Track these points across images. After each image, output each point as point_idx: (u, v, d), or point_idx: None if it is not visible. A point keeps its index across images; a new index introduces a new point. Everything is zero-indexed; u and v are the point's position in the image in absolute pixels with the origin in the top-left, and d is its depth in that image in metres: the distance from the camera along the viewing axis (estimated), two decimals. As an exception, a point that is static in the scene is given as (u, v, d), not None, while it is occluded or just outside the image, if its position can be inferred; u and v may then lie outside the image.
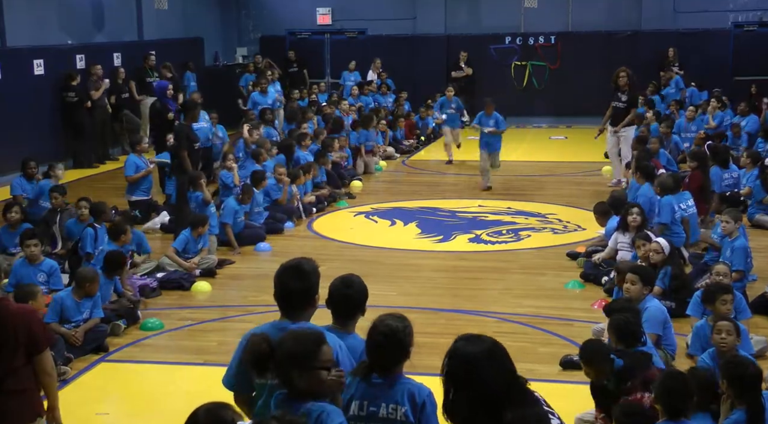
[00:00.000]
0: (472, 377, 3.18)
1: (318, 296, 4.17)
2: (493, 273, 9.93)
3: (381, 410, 3.84)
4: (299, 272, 4.09)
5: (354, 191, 14.65)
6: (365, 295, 4.42)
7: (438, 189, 14.92)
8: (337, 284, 4.41)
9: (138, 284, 9.05)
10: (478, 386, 3.18)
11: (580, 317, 8.26)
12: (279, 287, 4.11)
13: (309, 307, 4.11)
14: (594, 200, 11.34)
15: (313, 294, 4.10)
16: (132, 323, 8.24)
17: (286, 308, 4.10)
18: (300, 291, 4.05)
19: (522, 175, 16.06)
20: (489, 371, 3.19)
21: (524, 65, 22.99)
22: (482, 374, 3.16)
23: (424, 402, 3.85)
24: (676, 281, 8.17)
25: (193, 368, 7.20)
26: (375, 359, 3.92)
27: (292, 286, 4.05)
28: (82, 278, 7.66)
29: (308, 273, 4.11)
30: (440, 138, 20.86)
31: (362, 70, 22.44)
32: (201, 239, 9.99)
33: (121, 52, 18.45)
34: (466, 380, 3.19)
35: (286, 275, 4.11)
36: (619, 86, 13.89)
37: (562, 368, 7.00)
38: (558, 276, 9.64)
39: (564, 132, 21.85)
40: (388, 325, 3.95)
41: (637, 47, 21.62)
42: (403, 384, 3.91)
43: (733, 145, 15.55)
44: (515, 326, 8.16)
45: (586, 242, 10.57)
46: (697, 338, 6.66)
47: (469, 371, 3.20)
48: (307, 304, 4.08)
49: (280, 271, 4.16)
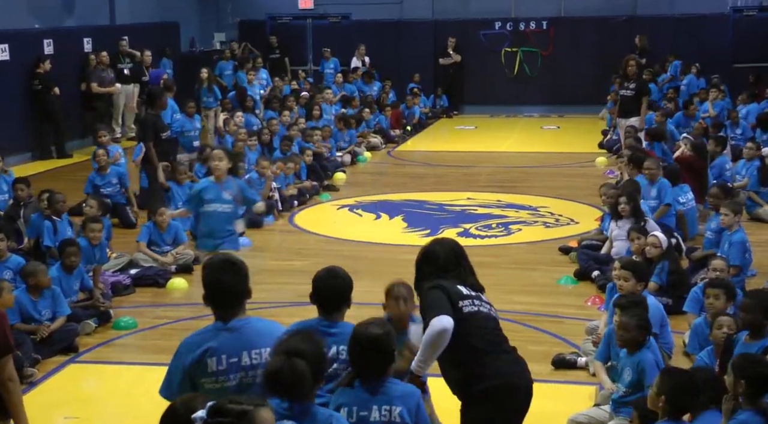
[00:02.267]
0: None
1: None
2: (482, 268, 9.74)
3: (373, 414, 3.93)
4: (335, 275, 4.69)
5: (337, 183, 14.62)
6: (351, 286, 4.68)
7: (425, 181, 14.92)
8: (322, 275, 4.68)
9: (110, 281, 9.01)
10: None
11: (573, 314, 8.28)
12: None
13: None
14: (588, 193, 11.38)
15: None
16: (103, 322, 8.19)
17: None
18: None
19: (513, 167, 16.07)
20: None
21: (515, 52, 23.01)
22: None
23: (418, 403, 3.97)
24: (673, 276, 8.19)
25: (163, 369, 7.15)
26: (360, 367, 3.94)
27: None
28: (23, 273, 7.59)
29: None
30: (428, 127, 20.89)
31: (347, 56, 22.38)
32: (170, 231, 9.91)
33: (91, 37, 18.33)
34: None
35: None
36: (627, 75, 13.95)
37: (554, 367, 7.01)
38: (550, 271, 9.65)
39: (556, 121, 21.89)
40: (368, 334, 3.96)
41: (633, 33, 21.66)
42: (394, 385, 4.00)
43: (731, 134, 15.60)
44: (505, 323, 8.08)
45: (579, 236, 10.59)
46: (695, 335, 6.69)
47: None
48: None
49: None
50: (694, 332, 6.74)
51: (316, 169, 14.25)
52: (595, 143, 17.50)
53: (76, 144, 17.60)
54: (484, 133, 20.18)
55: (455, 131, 20.79)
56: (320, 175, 14.27)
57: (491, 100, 22.91)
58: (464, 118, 22.51)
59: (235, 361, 3.92)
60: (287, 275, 9.76)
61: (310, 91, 18.90)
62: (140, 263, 9.68)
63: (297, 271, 9.90)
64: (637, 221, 8.99)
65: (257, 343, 3.95)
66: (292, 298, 8.92)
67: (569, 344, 7.48)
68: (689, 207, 10.44)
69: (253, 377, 3.90)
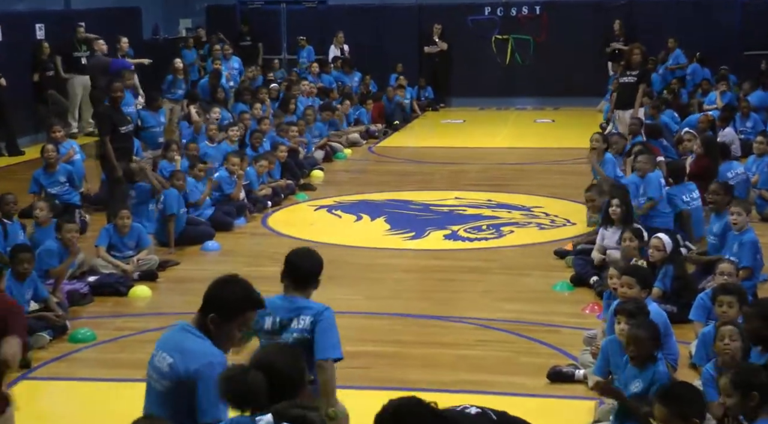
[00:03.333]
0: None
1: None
2: (471, 274, 9.94)
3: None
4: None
5: (315, 182, 14.60)
6: (322, 265, 5.37)
7: (409, 179, 14.92)
8: (293, 253, 5.39)
9: (66, 289, 8.94)
10: None
11: (570, 323, 8.28)
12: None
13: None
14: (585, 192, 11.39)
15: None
16: (59, 335, 8.13)
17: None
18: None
19: (504, 164, 16.10)
20: None
21: (506, 39, 23.06)
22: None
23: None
24: (678, 282, 8.20)
25: (130, 386, 7.09)
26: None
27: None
28: None
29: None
30: (414, 120, 20.89)
31: (324, 45, 22.35)
32: (132, 235, 9.86)
33: (44, 23, 18.22)
34: None
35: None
36: (630, 64, 14.01)
37: (550, 380, 7.01)
38: (545, 277, 9.66)
39: (551, 114, 21.94)
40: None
41: (632, 18, 21.77)
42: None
43: (741, 127, 15.67)
44: (496, 333, 8.17)
45: (576, 239, 10.61)
46: (702, 345, 6.66)
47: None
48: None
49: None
50: (702, 341, 6.70)
51: (291, 166, 14.22)
52: (592, 138, 17.55)
53: (29, 140, 17.48)
54: (472, 128, 20.21)
55: (442, 125, 20.80)
56: (296, 174, 14.24)
57: (480, 92, 22.93)
58: (451, 112, 22.53)
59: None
60: (260, 282, 9.54)
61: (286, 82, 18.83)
62: (99, 269, 9.62)
63: (271, 278, 9.77)
64: (626, 227, 8.97)
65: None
66: (266, 307, 8.89)
67: (566, 355, 7.49)
68: (695, 206, 10.47)
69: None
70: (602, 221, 9.50)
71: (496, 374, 7.23)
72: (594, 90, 21.12)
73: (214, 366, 3.98)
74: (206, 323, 4.15)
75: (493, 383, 6.98)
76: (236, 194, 12.15)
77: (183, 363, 4.06)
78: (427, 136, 19.57)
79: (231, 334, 4.15)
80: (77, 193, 11.94)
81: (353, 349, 7.58)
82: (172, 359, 4.09)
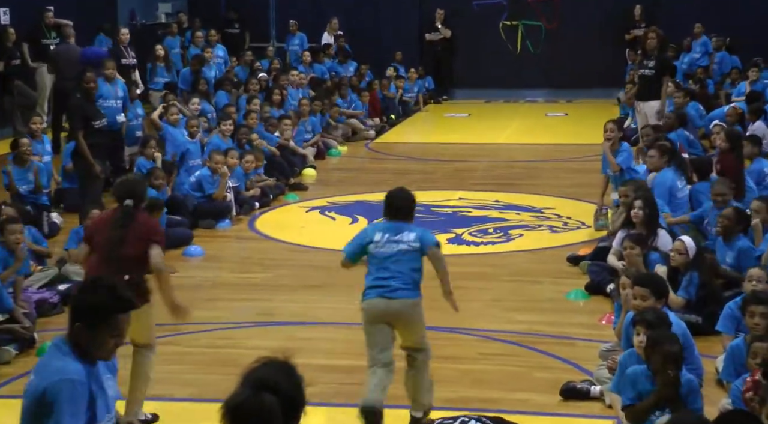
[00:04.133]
0: None
1: None
2: (477, 281, 9.92)
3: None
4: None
5: (306, 181, 14.59)
6: (415, 201, 7.08)
7: (409, 178, 14.89)
8: (390, 194, 7.07)
9: (34, 299, 8.91)
10: None
11: (585, 335, 8.28)
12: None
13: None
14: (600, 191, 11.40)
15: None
16: (26, 348, 8.10)
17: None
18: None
19: (512, 161, 16.10)
20: None
21: (515, 26, 23.07)
22: None
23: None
24: (703, 290, 8.18)
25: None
26: None
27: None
28: None
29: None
30: (414, 114, 20.89)
31: (316, 31, 22.33)
32: None
33: (9, 7, 18.19)
34: None
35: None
36: (646, 51, 13.96)
37: (563, 397, 7.00)
38: (557, 284, 9.66)
39: (564, 108, 21.95)
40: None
41: (654, 2, 21.74)
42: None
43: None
44: (505, 345, 8.15)
45: (591, 243, 10.60)
46: (731, 360, 6.64)
47: None
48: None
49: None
50: (730, 355, 6.67)
51: (280, 164, 14.20)
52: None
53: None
54: (478, 122, 20.22)
55: (444, 119, 20.81)
56: (286, 172, 14.23)
57: (487, 83, 22.96)
58: (455, 104, 22.54)
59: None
60: (247, 291, 9.71)
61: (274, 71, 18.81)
62: (71, 276, 9.59)
63: (258, 285, 9.86)
64: (649, 232, 8.94)
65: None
66: (253, 317, 8.87)
67: (581, 370, 7.48)
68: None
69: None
70: (623, 224, 9.46)
71: (504, 390, 7.21)
72: (610, 81, 21.13)
73: (62, 384, 3.98)
74: (74, 333, 4.14)
75: (500, 401, 6.97)
76: (219, 194, 12.13)
77: (35, 382, 4.08)
78: (428, 131, 19.58)
79: (101, 341, 4.11)
80: (44, 193, 11.93)
81: (348, 363, 7.58)
82: (33, 377, 4.12)
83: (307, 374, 3.41)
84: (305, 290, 9.69)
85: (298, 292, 9.63)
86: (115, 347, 4.17)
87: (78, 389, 3.99)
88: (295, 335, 8.41)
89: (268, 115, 15.50)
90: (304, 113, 16.26)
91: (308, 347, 8.04)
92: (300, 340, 8.28)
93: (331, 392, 6.97)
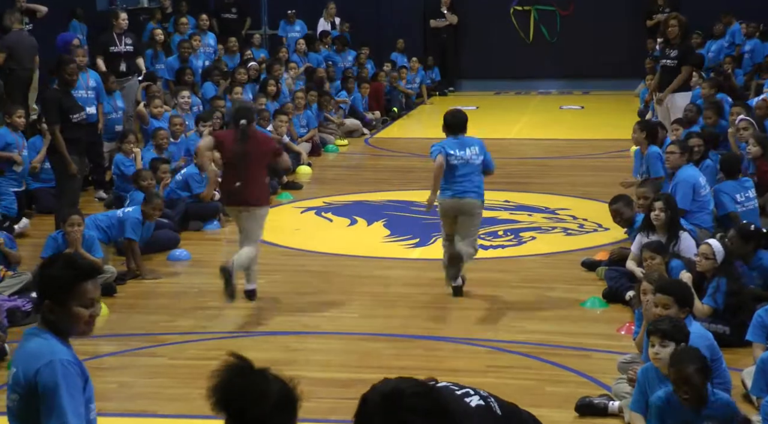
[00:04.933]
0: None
1: None
2: (485, 288, 9.94)
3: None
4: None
5: (301, 180, 14.61)
6: (467, 118, 9.54)
7: (412, 176, 14.93)
8: (447, 113, 9.57)
9: (6, 307, 8.94)
10: None
11: (602, 346, 8.30)
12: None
13: None
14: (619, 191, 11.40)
15: None
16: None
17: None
18: None
19: (524, 158, 16.12)
20: None
21: (527, 11, 23.10)
22: None
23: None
24: (732, 298, 8.17)
25: (82, 420, 7.13)
26: None
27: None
28: None
29: None
30: (418, 107, 20.90)
31: (312, 17, 22.34)
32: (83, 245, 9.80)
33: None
34: None
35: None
36: (668, 39, 13.95)
37: (579, 413, 7.01)
38: (572, 291, 9.68)
39: (580, 100, 21.98)
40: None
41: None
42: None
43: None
44: (516, 357, 8.17)
45: (609, 247, 10.61)
46: (761, 373, 6.64)
47: None
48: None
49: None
50: (760, 369, 6.67)
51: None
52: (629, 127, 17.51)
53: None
54: (487, 115, 20.20)
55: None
56: (278, 170, 14.25)
57: (496, 74, 23.00)
58: (462, 97, 22.56)
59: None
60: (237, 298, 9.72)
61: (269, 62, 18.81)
62: (46, 283, 9.60)
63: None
64: (671, 236, 8.97)
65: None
66: (244, 326, 8.89)
67: (598, 384, 7.50)
68: (750, 208, 10.45)
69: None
70: (641, 227, 9.47)
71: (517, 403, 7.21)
72: (630, 71, 21.16)
73: (55, 364, 4.10)
74: (45, 313, 4.27)
75: (511, 417, 6.97)
76: (207, 194, 12.11)
77: (24, 369, 4.17)
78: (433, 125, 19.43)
79: (73, 315, 4.22)
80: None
81: (346, 376, 7.60)
82: (16, 369, 4.21)
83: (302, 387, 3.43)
84: (300, 297, 9.71)
85: (292, 299, 9.65)
86: (90, 320, 4.25)
87: (70, 370, 4.12)
88: (289, 346, 8.44)
89: (261, 108, 15.52)
90: (299, 107, 16.28)
91: (302, 359, 8.07)
92: (294, 351, 8.31)
93: (326, 407, 6.99)
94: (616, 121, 18.40)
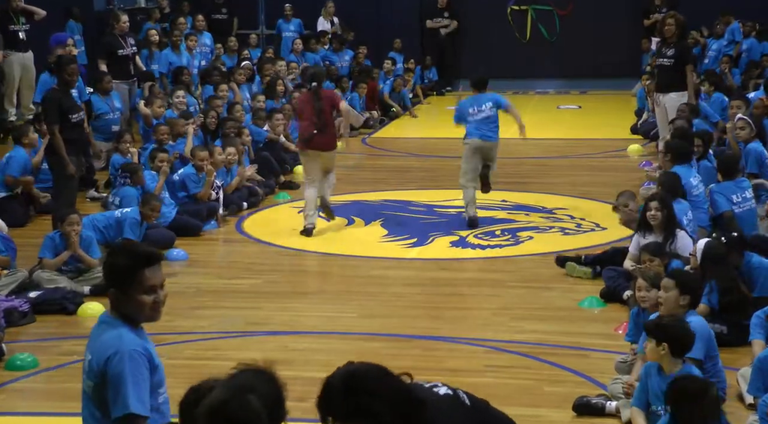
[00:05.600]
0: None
1: None
2: (483, 287, 9.95)
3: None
4: None
5: (298, 179, 14.60)
6: (487, 77, 11.95)
7: (410, 176, 14.94)
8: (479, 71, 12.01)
9: (3, 307, 8.94)
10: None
11: (600, 346, 8.31)
12: None
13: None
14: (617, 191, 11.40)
15: None
16: (-6, 360, 8.14)
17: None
18: None
19: (522, 158, 16.11)
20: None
21: (524, 11, 23.09)
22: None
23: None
24: (727, 296, 8.17)
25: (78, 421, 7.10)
26: None
27: None
28: None
29: None
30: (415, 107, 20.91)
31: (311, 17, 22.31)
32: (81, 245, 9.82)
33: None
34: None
35: None
36: (665, 38, 13.96)
37: (577, 413, 7.02)
38: (570, 291, 9.68)
39: (577, 99, 21.97)
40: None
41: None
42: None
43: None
44: (513, 357, 8.18)
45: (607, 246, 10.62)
46: (758, 373, 6.63)
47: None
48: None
49: None
50: (758, 368, 6.65)
51: (270, 161, 14.21)
52: (626, 127, 17.59)
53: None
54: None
55: (448, 112, 20.75)
56: (276, 169, 14.24)
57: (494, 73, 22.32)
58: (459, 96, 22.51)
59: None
60: (234, 298, 9.72)
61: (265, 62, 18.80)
62: (42, 283, 9.60)
63: (246, 292, 9.87)
64: (667, 235, 8.96)
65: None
66: (241, 327, 8.89)
67: (595, 383, 7.50)
68: (746, 208, 10.45)
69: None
70: (638, 226, 9.47)
71: (513, 405, 7.19)
72: (628, 71, 21.16)
73: (123, 354, 4.33)
74: (112, 301, 4.49)
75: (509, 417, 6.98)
76: (204, 194, 12.15)
77: (96, 358, 4.42)
78: (430, 125, 19.56)
79: (137, 302, 4.43)
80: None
81: (344, 376, 7.59)
82: (90, 357, 4.46)
83: (299, 387, 3.45)
84: (297, 297, 9.72)
85: (290, 299, 9.65)
86: (155, 305, 4.45)
87: (137, 359, 4.36)
88: (287, 346, 8.43)
89: (258, 107, 15.51)
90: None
91: (301, 359, 8.06)
92: (292, 351, 8.31)
93: (325, 407, 6.98)
94: (614, 120, 18.42)
